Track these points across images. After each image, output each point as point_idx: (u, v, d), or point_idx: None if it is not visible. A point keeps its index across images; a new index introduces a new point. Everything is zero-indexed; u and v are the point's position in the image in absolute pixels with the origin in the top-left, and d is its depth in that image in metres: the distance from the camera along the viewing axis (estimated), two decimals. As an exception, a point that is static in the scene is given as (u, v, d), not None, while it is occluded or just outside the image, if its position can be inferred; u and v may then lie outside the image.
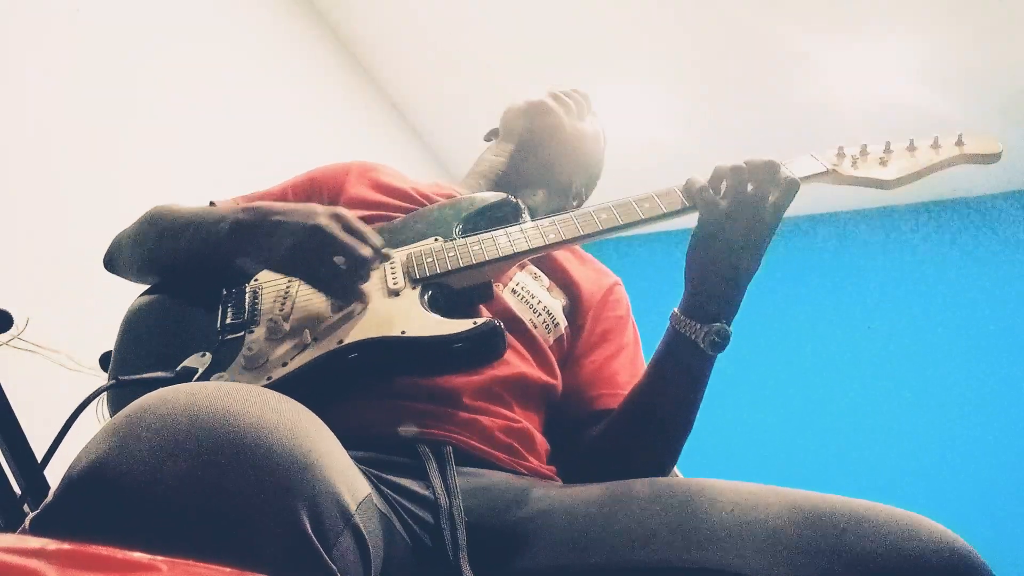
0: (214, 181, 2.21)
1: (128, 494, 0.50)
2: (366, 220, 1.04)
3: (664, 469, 0.96)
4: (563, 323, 1.06)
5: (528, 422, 0.96)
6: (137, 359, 0.91)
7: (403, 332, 0.85)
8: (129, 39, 2.12)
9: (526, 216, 1.05)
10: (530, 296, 1.04)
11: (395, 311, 0.88)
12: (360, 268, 0.87)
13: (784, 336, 3.65)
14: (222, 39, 2.52)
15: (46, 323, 1.34)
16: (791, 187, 0.87)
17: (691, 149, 3.18)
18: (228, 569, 0.36)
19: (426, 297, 0.91)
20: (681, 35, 3.04)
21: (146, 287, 1.03)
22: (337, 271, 0.86)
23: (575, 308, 1.09)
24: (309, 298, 0.92)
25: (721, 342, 0.88)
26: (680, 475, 1.06)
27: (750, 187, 0.87)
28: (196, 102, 2.32)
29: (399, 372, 0.88)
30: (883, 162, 0.96)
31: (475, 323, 0.84)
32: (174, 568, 0.32)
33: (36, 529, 0.51)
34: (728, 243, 0.87)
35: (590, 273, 1.16)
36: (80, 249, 1.13)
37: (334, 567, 0.53)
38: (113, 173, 1.98)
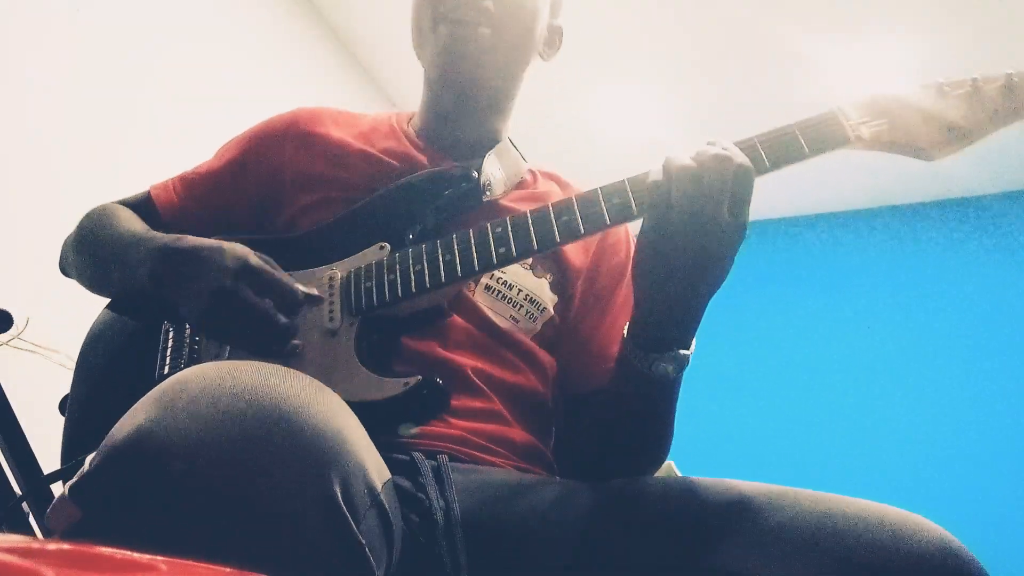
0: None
1: (170, 461, 0.50)
2: (314, 205, 0.97)
3: (648, 465, 0.91)
4: (550, 303, 0.97)
5: (528, 436, 0.93)
6: (89, 415, 0.89)
7: None
8: (129, 39, 2.12)
9: (488, 191, 0.94)
10: (507, 288, 0.94)
11: (327, 363, 0.80)
12: (278, 335, 0.78)
13: (784, 337, 3.66)
14: (222, 39, 2.52)
15: (46, 323, 1.34)
16: (745, 176, 0.73)
17: (691, 149, 3.19)
18: (228, 569, 0.36)
19: (363, 342, 0.82)
20: (681, 35, 3.04)
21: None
22: (254, 334, 0.78)
23: (565, 279, 0.99)
24: None
25: (675, 368, 0.78)
26: (679, 473, 1.05)
27: (704, 187, 0.72)
28: (196, 102, 2.32)
29: None
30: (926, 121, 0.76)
31: (406, 384, 0.76)
32: (174, 568, 0.32)
33: (75, 496, 0.51)
34: (681, 258, 0.73)
35: None
36: (80, 249, 1.13)
37: (363, 540, 0.54)
38: (113, 173, 1.97)
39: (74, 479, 0.52)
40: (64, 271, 1.09)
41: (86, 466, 0.53)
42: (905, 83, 0.78)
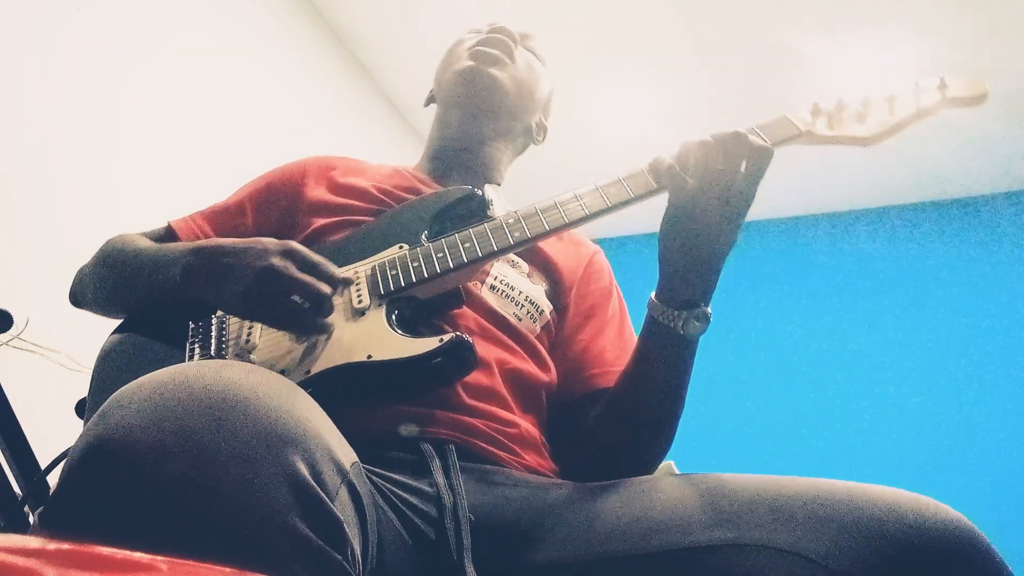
0: (213, 181, 2.21)
1: (126, 466, 0.49)
2: (331, 227, 1.04)
3: (659, 451, 0.95)
4: (547, 308, 1.05)
5: (529, 424, 0.96)
6: None
7: (369, 356, 0.82)
8: (129, 39, 2.13)
9: (493, 208, 1.04)
10: (510, 289, 1.02)
11: (361, 334, 0.86)
12: (321, 305, 0.84)
13: (784, 337, 3.66)
14: (222, 39, 2.52)
15: (46, 323, 1.34)
16: (763, 154, 0.85)
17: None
18: (228, 569, 0.36)
19: (393, 314, 0.88)
20: (680, 35, 3.04)
21: (117, 320, 1.02)
22: (296, 310, 0.84)
23: (557, 290, 1.09)
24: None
25: (702, 325, 0.87)
26: (678, 472, 1.06)
27: (719, 160, 0.85)
28: (196, 102, 2.32)
29: (374, 397, 0.85)
30: (860, 117, 0.94)
31: (441, 340, 0.82)
32: (174, 568, 0.32)
33: (44, 522, 0.50)
34: (702, 222, 0.85)
35: (568, 248, 1.15)
36: (80, 249, 1.13)
37: (339, 515, 0.53)
38: (113, 173, 1.98)
39: (44, 506, 0.52)
40: (76, 299, 1.09)
41: (53, 489, 0.52)
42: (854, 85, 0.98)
